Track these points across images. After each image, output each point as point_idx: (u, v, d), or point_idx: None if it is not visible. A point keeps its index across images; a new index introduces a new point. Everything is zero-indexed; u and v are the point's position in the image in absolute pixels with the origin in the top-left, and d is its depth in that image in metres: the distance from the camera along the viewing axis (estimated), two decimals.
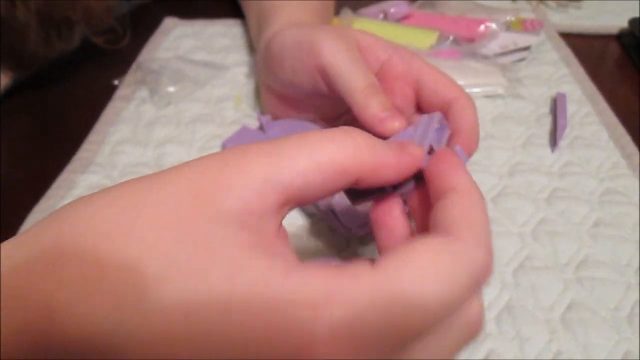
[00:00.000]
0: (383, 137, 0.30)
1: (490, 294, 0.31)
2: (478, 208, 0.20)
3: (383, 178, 0.20)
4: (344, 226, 0.30)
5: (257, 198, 0.18)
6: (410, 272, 0.17)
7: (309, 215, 0.36)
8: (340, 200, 0.30)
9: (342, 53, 0.33)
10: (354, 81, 0.32)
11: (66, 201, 0.37)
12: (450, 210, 0.19)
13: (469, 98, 0.32)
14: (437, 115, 0.26)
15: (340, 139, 0.19)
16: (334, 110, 0.38)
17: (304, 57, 0.34)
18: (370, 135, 0.20)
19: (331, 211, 0.30)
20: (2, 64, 0.46)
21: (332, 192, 0.20)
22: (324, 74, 0.33)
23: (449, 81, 0.33)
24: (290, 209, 0.20)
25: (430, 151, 0.22)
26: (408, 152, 0.21)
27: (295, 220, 0.36)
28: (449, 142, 0.30)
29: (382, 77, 0.33)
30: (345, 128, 0.20)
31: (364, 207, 0.28)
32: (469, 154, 0.31)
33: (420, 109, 0.35)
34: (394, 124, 0.30)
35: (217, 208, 0.18)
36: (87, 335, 0.17)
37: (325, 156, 0.19)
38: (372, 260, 0.18)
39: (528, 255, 0.34)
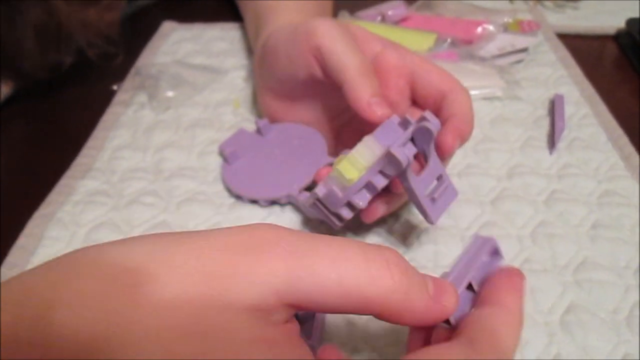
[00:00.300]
0: (369, 121, 0.31)
1: None
2: (515, 329, 0.20)
3: (405, 321, 0.19)
4: (332, 213, 0.31)
5: (274, 298, 0.17)
6: None
7: (309, 219, 0.36)
8: (322, 187, 0.30)
9: (337, 34, 0.33)
10: (347, 60, 0.32)
11: (66, 207, 0.37)
12: (486, 319, 0.19)
13: (462, 88, 0.33)
14: (490, 243, 0.24)
15: (377, 271, 0.18)
16: (331, 110, 0.38)
17: (300, 41, 0.34)
18: (408, 271, 0.19)
19: (317, 200, 0.31)
20: (2, 75, 0.46)
21: (345, 312, 0.19)
22: (319, 55, 0.33)
23: (443, 73, 0.33)
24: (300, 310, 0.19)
25: (469, 287, 0.22)
26: (441, 302, 0.20)
27: (296, 227, 0.36)
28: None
29: (376, 69, 0.34)
30: (388, 257, 0.19)
31: (343, 189, 0.29)
32: (463, 139, 0.31)
33: (415, 102, 0.35)
34: (380, 110, 0.31)
35: (235, 298, 0.17)
36: (83, 331, 0.17)
37: (354, 284, 0.18)
38: None
39: (527, 257, 0.34)
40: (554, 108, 0.45)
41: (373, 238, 0.35)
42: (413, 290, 0.19)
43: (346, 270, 0.18)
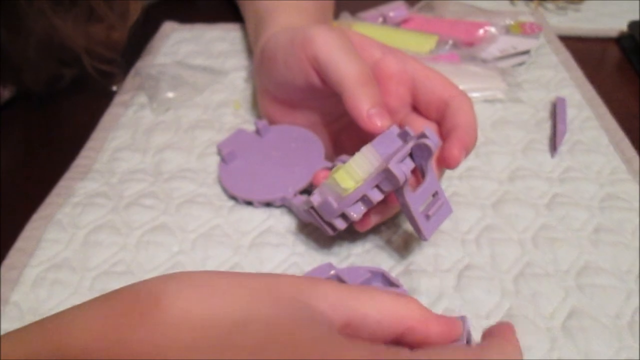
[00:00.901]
0: (370, 133, 0.30)
1: (491, 302, 0.31)
2: (519, 353, 0.22)
3: (430, 335, 0.22)
4: (326, 222, 0.31)
5: (331, 311, 0.21)
6: None
7: (308, 225, 0.36)
8: (317, 195, 0.30)
9: (335, 42, 0.33)
10: (345, 69, 0.32)
11: (65, 209, 0.37)
12: (493, 339, 0.22)
13: (465, 96, 0.33)
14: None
15: (402, 299, 0.22)
16: (329, 114, 0.38)
17: (297, 49, 0.34)
18: (422, 306, 0.23)
19: (311, 208, 0.30)
20: (5, 81, 0.46)
21: (385, 334, 0.22)
22: (316, 64, 0.33)
23: (444, 80, 0.33)
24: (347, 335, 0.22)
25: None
26: (450, 321, 0.23)
27: (294, 230, 0.36)
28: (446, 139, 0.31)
29: (376, 76, 0.33)
30: (407, 299, 0.22)
31: (338, 200, 0.29)
32: (467, 150, 0.31)
33: (417, 109, 0.35)
34: (380, 121, 0.31)
35: (312, 308, 0.20)
36: (93, 344, 0.18)
37: (386, 306, 0.22)
38: None
39: (528, 262, 0.33)
40: (556, 111, 0.45)
41: (375, 240, 0.35)
42: (428, 312, 0.22)
43: (378, 302, 0.22)
